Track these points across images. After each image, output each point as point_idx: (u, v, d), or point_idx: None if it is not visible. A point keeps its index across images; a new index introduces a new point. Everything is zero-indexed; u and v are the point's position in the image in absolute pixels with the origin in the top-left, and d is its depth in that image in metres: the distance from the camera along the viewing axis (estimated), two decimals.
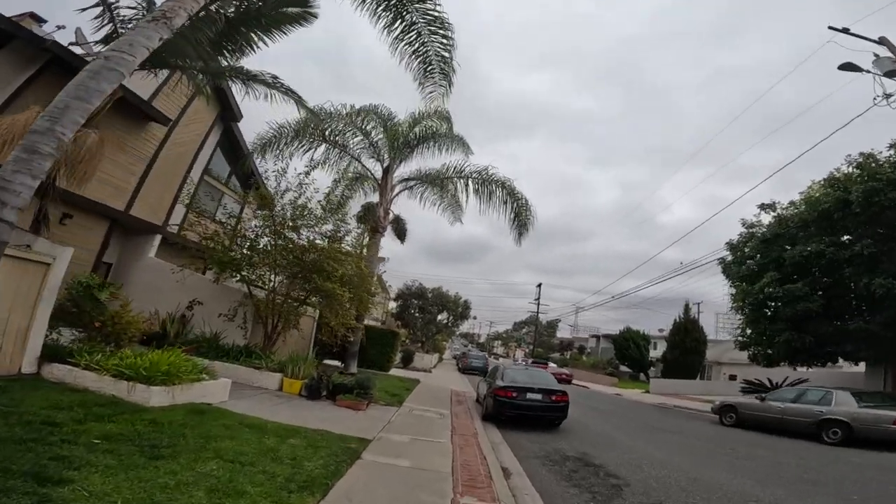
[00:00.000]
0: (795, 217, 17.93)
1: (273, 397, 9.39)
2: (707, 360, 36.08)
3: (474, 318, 59.72)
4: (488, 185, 18.03)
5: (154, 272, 13.77)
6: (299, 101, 11.75)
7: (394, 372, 19.12)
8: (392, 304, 49.23)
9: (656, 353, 48.23)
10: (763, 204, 21.10)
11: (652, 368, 46.68)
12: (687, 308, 36.98)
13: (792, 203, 18.92)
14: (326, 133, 17.55)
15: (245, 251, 12.08)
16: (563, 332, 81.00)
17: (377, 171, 18.46)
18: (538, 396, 10.76)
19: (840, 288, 16.32)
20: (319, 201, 12.49)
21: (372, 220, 17.73)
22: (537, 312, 65.54)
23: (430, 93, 12.21)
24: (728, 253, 22.19)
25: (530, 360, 48.81)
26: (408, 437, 7.65)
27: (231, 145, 17.67)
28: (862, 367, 22.64)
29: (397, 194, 19.09)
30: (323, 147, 17.68)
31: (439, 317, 45.46)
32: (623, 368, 48.74)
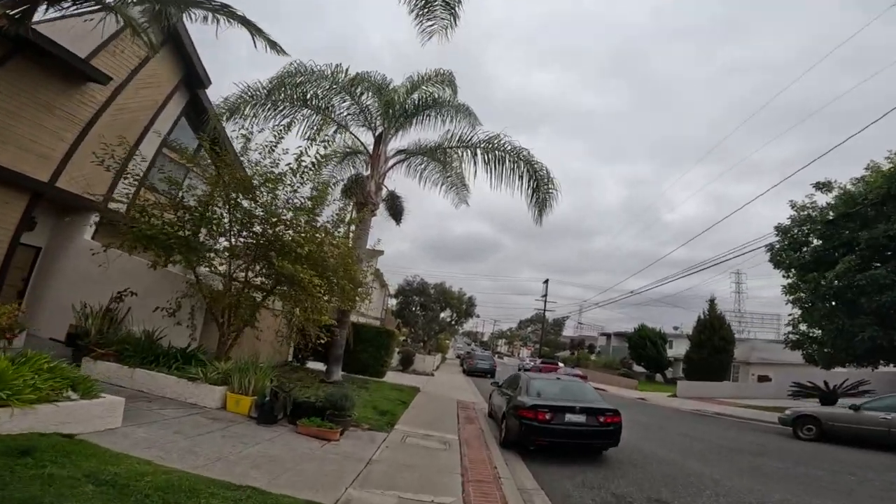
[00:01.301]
0: (869, 193, 14.88)
1: (205, 422, 6.46)
2: (735, 359, 33.06)
3: (477, 316, 56.77)
4: (499, 153, 15.04)
5: (90, 258, 10.94)
6: (256, 32, 8.98)
7: (390, 377, 16.20)
8: (391, 301, 46.30)
9: (672, 352, 45.24)
10: (818, 182, 18.19)
11: (669, 368, 43.69)
12: (713, 304, 33.95)
13: (862, 179, 15.87)
14: (308, 96, 14.71)
15: (187, 225, 9.11)
16: (568, 331, 78.15)
17: (369, 142, 15.61)
18: (581, 418, 7.82)
19: None
20: (289, 164, 9.54)
21: (360, 194, 14.79)
22: (544, 310, 62.57)
23: (430, 25, 9.40)
24: (778, 238, 19.16)
25: (539, 360, 45.86)
26: (393, 500, 4.70)
27: (198, 116, 14.90)
28: None
29: (392, 167, 16.18)
30: (305, 113, 14.81)
31: (442, 314, 42.54)
32: (637, 368, 45.72)
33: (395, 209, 16.30)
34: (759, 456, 9.56)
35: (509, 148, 14.89)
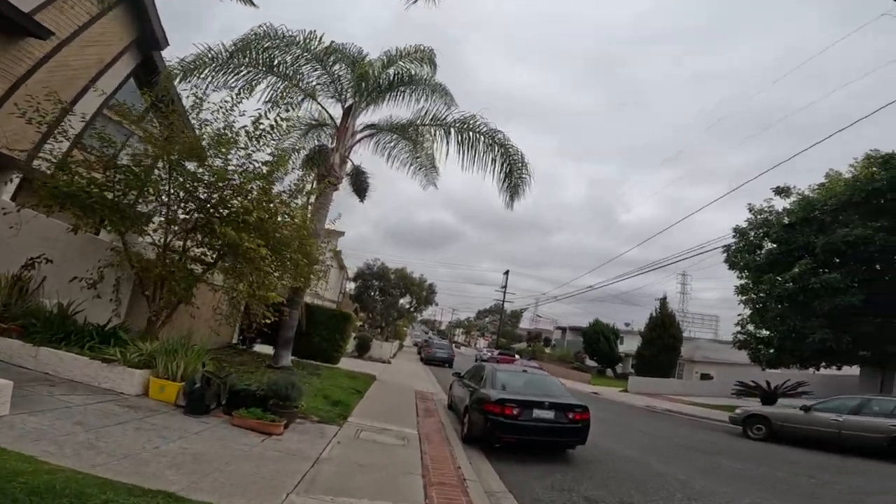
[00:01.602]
0: (829, 199, 15.32)
1: (117, 410, 5.44)
2: (682, 357, 34.33)
3: (436, 304, 56.27)
4: (474, 134, 14.40)
5: (1, 219, 9.39)
6: None
7: (344, 364, 15.29)
8: (350, 285, 44.98)
9: (623, 347, 46.62)
10: (778, 187, 18.80)
11: (619, 364, 45.03)
12: (664, 303, 35.05)
13: (822, 185, 16.37)
14: (275, 62, 13.54)
15: (117, 186, 7.83)
16: (524, 323, 79.32)
17: (337, 114, 14.62)
18: (549, 414, 7.33)
19: (886, 281, 13.89)
20: (244, 126, 8.39)
21: (324, 166, 13.73)
22: (503, 301, 62.97)
23: None
24: (735, 240, 19.64)
25: (496, 351, 46.04)
26: None
27: (150, 78, 13.37)
28: (855, 370, 20.95)
29: (359, 141, 15.20)
30: (270, 80, 13.55)
31: (401, 301, 41.75)
32: (589, 362, 46.85)
33: (360, 185, 15.28)
34: (716, 455, 9.50)
35: (485, 130, 14.27)
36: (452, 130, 14.55)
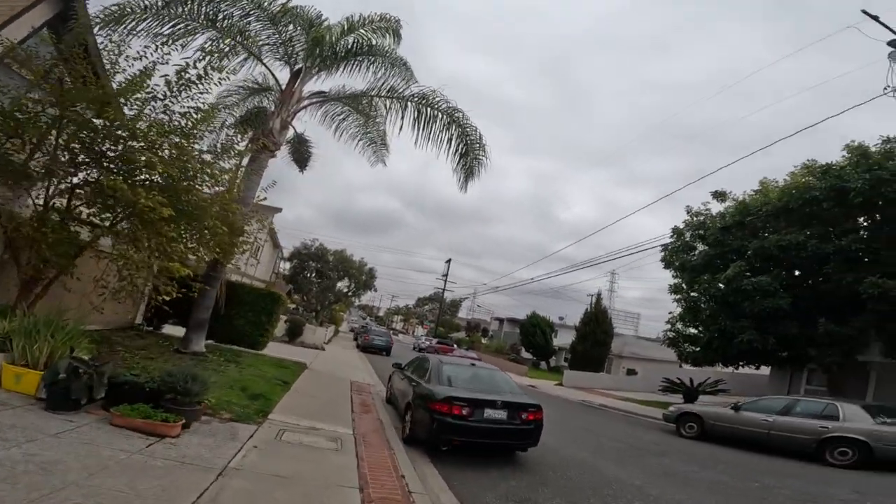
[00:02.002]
0: (763, 205, 15.98)
1: None
2: (612, 353, 35.69)
3: (375, 289, 54.74)
4: (432, 110, 13.51)
5: None
6: None
7: (272, 349, 13.77)
8: (285, 265, 42.39)
9: (556, 341, 47.93)
10: (716, 191, 19.55)
11: (553, 357, 46.25)
12: (599, 298, 36.15)
13: (759, 192, 17.09)
14: (220, 17, 11.87)
15: None
16: (462, 313, 79.86)
17: (284, 78, 13.18)
18: (502, 414, 6.61)
19: (809, 286, 14.70)
20: (166, 76, 6.77)
21: (261, 130, 12.14)
22: (444, 289, 62.63)
23: None
24: (672, 240, 20.27)
25: (434, 340, 45.55)
26: None
27: (67, 28, 11.03)
28: (764, 370, 22.60)
29: (305, 107, 13.77)
30: (211, 35, 11.74)
31: (339, 284, 39.96)
32: (525, 354, 47.75)
33: (301, 154, 13.75)
34: (661, 456, 9.34)
35: (444, 107, 13.42)
36: (410, 105, 13.58)
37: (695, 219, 20.00)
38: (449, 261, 64.19)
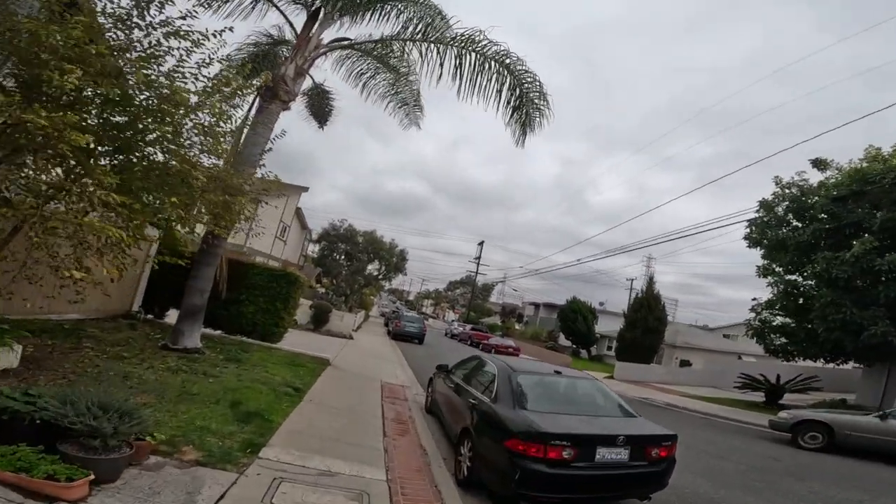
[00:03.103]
0: (887, 172, 12.78)
1: None
2: (664, 342, 32.58)
3: (405, 273, 52.75)
4: (479, 56, 11.05)
5: None
6: None
7: (293, 339, 11.76)
8: (313, 248, 40.93)
9: (598, 328, 44.96)
10: (816, 159, 16.32)
11: (594, 346, 43.38)
12: (651, 282, 32.94)
13: (869, 158, 13.92)
14: None
15: None
16: (493, 297, 77.41)
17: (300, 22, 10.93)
18: (622, 455, 4.25)
19: None
20: None
21: (272, 77, 9.94)
22: (476, 272, 60.40)
23: None
24: (760, 215, 17.16)
25: (468, 326, 43.49)
26: None
27: None
28: (845, 366, 19.32)
29: (324, 54, 11.49)
30: None
31: (369, 267, 38.17)
32: (563, 342, 45.08)
33: (321, 107, 11.55)
34: (803, 480, 6.88)
35: (492, 52, 10.86)
36: (450, 50, 11.05)
37: (787, 191, 16.90)
38: (482, 243, 61.73)
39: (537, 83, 11.01)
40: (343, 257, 37.46)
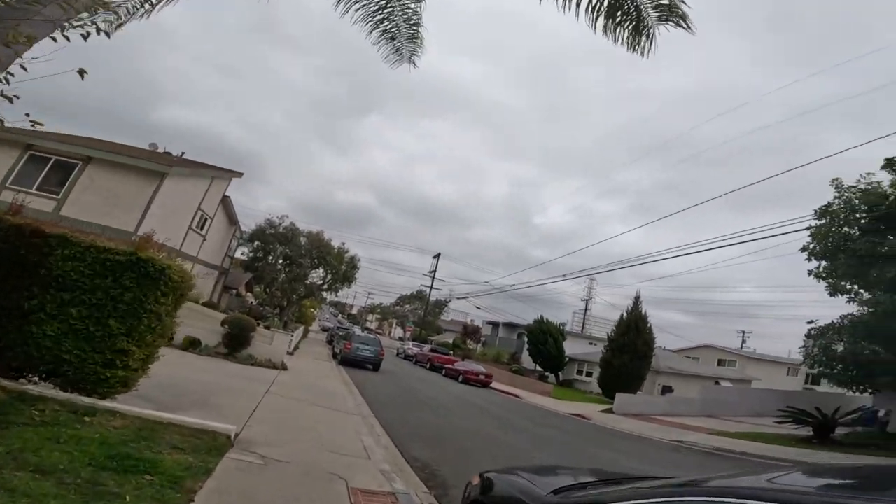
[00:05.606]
0: None
1: None
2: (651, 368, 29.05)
3: (353, 282, 46.15)
4: None
5: None
6: None
7: (169, 379, 6.01)
8: (245, 251, 33.76)
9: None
10: (890, 159, 13.29)
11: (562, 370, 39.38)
12: (637, 302, 29.48)
13: None
14: None
15: None
16: (446, 315, 72.39)
17: None
18: None
19: None
20: None
21: None
22: (430, 287, 55.29)
23: None
24: (822, 223, 13.77)
25: (426, 346, 38.07)
26: None
27: None
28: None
29: None
30: None
31: (313, 274, 31.94)
32: (526, 363, 40.75)
33: None
34: None
35: None
36: None
37: (846, 194, 13.75)
38: (438, 256, 56.88)
39: None
40: (281, 261, 30.98)
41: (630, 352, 26.95)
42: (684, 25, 6.02)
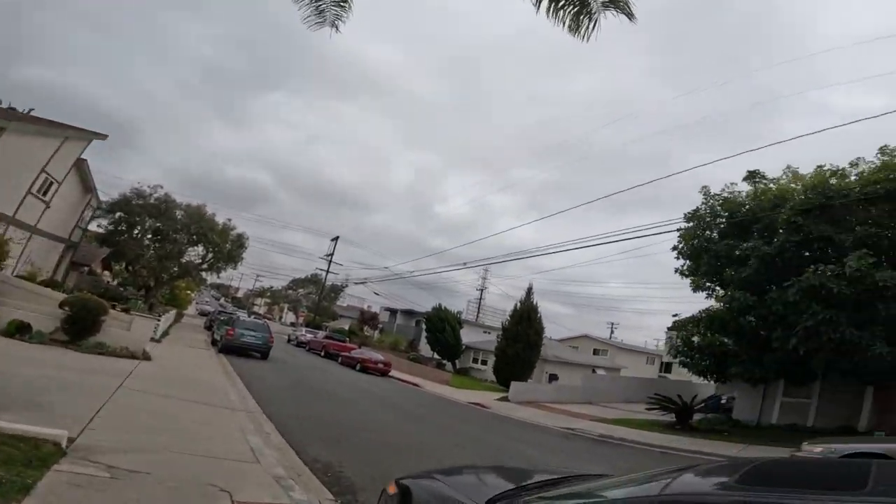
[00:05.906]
0: (854, 187, 11.86)
1: None
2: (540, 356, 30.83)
3: (240, 262, 41.74)
4: None
5: None
6: None
7: None
8: (100, 223, 28.31)
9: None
10: (751, 171, 15.49)
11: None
12: (530, 292, 30.99)
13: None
14: None
15: None
16: (342, 301, 70.00)
17: None
18: None
19: None
20: None
21: None
22: (327, 270, 52.72)
23: None
24: (690, 224, 15.57)
25: (320, 333, 36.02)
26: None
27: None
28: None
29: None
30: None
31: (191, 252, 28.23)
32: (424, 351, 40.91)
33: None
34: None
35: None
36: None
37: (711, 201, 15.75)
38: (336, 238, 54.36)
39: None
40: (150, 236, 26.76)
41: (523, 341, 28.28)
42: (627, 12, 5.93)
